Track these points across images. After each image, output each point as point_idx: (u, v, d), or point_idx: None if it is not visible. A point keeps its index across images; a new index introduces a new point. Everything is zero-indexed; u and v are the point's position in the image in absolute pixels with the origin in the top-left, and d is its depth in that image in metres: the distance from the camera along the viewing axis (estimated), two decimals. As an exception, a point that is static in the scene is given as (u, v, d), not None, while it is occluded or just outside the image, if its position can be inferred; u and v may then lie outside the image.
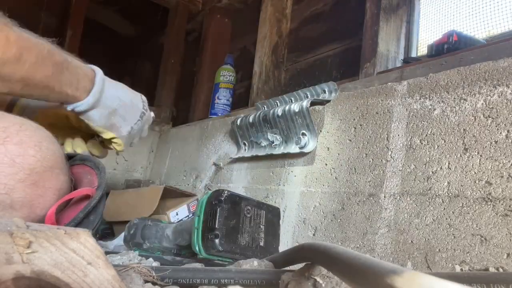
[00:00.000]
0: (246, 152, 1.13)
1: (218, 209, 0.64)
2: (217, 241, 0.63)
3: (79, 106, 0.70)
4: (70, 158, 0.76)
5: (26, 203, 0.58)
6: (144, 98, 0.83)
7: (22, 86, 0.61)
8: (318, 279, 0.44)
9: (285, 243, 0.91)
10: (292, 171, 0.98)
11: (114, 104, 0.75)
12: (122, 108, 0.76)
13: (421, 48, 1.04)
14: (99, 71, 0.73)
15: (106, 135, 0.77)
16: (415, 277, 0.23)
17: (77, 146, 0.81)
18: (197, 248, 0.65)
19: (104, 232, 1.11)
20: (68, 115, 0.77)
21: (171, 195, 1.06)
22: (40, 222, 0.60)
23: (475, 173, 0.62)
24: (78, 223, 0.65)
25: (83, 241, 0.33)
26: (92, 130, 0.76)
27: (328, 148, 0.90)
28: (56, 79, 0.64)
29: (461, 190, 0.63)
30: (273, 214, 0.74)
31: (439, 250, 0.63)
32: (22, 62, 0.58)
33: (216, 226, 0.63)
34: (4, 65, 0.57)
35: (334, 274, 0.40)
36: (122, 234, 0.96)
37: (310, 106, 0.92)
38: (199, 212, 0.67)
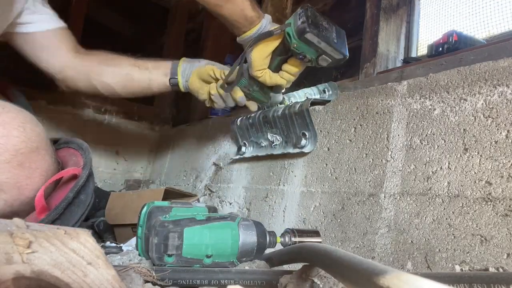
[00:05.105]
0: (246, 152, 1.13)
1: None
2: None
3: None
4: (55, 142, 0.77)
5: (14, 185, 0.57)
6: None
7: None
8: (315, 280, 0.44)
9: (285, 243, 0.91)
10: (292, 171, 0.98)
11: None
12: None
13: (421, 48, 1.04)
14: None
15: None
16: (402, 277, 0.26)
17: (212, 88, 0.99)
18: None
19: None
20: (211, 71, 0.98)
21: (172, 196, 1.06)
22: (29, 204, 0.60)
23: (475, 173, 0.62)
24: (69, 203, 0.65)
25: (83, 241, 0.33)
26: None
27: (328, 148, 0.90)
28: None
29: (461, 190, 0.63)
30: None
31: (439, 250, 0.63)
32: None
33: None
34: None
35: (335, 278, 0.41)
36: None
37: (310, 106, 0.92)
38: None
